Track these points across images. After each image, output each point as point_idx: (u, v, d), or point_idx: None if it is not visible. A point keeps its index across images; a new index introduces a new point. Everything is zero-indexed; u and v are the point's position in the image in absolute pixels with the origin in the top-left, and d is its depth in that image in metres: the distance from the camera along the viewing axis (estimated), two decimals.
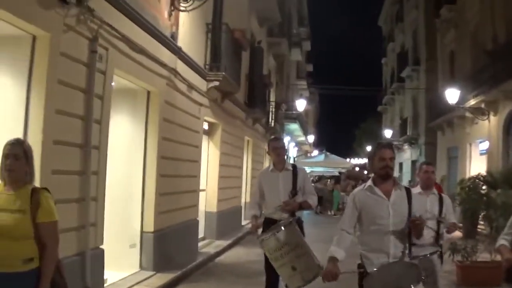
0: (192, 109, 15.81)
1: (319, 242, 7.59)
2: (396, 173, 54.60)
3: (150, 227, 12.82)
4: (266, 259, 8.45)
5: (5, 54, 8.22)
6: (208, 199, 19.47)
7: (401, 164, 56.24)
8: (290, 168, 9.43)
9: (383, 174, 6.56)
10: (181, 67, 14.42)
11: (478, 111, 27.53)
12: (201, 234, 18.02)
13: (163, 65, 13.03)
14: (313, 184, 9.70)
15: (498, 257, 13.81)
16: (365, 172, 71.02)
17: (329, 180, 46.13)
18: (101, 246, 10.10)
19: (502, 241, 6.78)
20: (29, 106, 8.16)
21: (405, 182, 38.28)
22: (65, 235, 8.58)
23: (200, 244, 17.25)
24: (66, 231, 8.71)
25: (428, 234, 8.23)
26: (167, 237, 13.49)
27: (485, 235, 15.19)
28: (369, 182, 6.72)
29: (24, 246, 5.47)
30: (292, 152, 53.04)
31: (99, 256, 9.98)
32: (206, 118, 17.97)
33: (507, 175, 16.18)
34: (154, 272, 12.52)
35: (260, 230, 9.00)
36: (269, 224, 8.80)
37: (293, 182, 9.22)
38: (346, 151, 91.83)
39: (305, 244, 7.71)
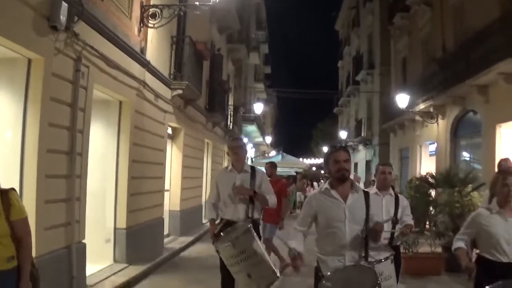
0: (158, 116, 16.94)
1: (276, 239, 8.12)
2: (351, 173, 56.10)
3: (122, 224, 13.97)
4: (221, 259, 8.36)
5: (4, 74, 9.35)
6: (171, 198, 20.52)
7: (356, 164, 56.64)
8: (249, 170, 9.32)
9: (339, 177, 6.55)
10: (149, 78, 15.59)
11: (427, 115, 28.66)
12: (166, 231, 19.09)
13: (133, 77, 14.23)
14: None
15: (438, 250, 15.28)
16: (322, 171, 71.72)
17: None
18: (83, 241, 11.27)
19: (459, 243, 7.26)
20: (26, 120, 9.30)
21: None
22: (55, 230, 9.96)
23: (165, 240, 18.41)
24: (56, 227, 10.03)
25: (382, 236, 8.10)
26: (137, 233, 14.57)
27: (428, 230, 16.25)
28: (326, 185, 6.71)
29: (6, 246, 5.75)
30: (250, 153, 54.00)
31: (82, 249, 11.15)
32: (170, 123, 19.06)
33: (447, 176, 17.36)
34: (127, 265, 13.68)
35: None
36: (226, 225, 8.79)
37: (251, 184, 9.14)
38: (303, 151, 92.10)
39: (261, 251, 7.68)
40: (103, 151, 13.69)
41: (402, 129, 35.23)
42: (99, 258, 13.06)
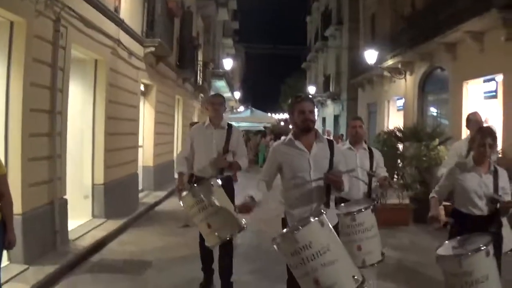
0: (131, 74, 17.20)
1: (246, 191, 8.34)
2: (319, 128, 56.13)
3: (100, 180, 14.33)
4: None
5: None
6: (145, 154, 20.82)
7: (324, 119, 57.58)
8: (226, 126, 9.20)
9: (304, 127, 6.44)
10: (123, 36, 15.80)
11: (395, 71, 29.25)
12: (140, 187, 19.47)
13: (108, 36, 14.45)
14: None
15: (406, 201, 15.82)
16: (290, 126, 72.10)
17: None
18: (64, 197, 11.63)
19: (433, 194, 7.66)
20: (10, 81, 9.58)
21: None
22: (39, 187, 10.31)
23: (140, 195, 18.83)
24: (40, 184, 10.38)
25: (360, 189, 8.72)
26: (114, 188, 14.94)
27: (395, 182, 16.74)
28: (290, 136, 6.62)
29: None
30: None
31: (64, 205, 11.53)
32: (143, 80, 19.34)
33: (414, 130, 17.86)
34: (106, 219, 14.09)
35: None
36: (197, 181, 8.68)
37: (226, 140, 9.08)
38: (271, 106, 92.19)
39: (221, 203, 7.56)
40: (80, 109, 13.93)
41: (371, 85, 35.76)
42: (79, 213, 13.39)
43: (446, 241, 6.69)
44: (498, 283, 6.12)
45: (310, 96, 33.18)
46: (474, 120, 10.15)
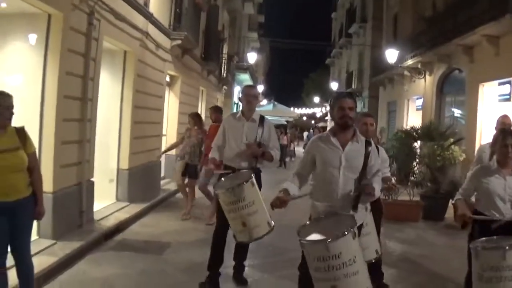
0: (158, 65, 17.84)
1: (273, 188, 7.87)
2: None
3: (125, 165, 15.08)
4: (220, 206, 8.35)
5: (27, 28, 10.37)
6: (168, 143, 21.15)
7: None
8: (257, 120, 9.17)
9: (342, 124, 6.46)
10: (151, 29, 16.45)
11: (415, 71, 29.61)
12: (162, 174, 20.01)
13: (137, 29, 15.12)
14: None
15: (417, 198, 16.35)
16: (312, 122, 72.04)
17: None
18: (91, 179, 12.35)
19: (458, 196, 7.38)
20: (46, 70, 10.29)
21: None
22: (69, 168, 11.03)
23: (162, 182, 19.39)
24: (70, 166, 11.11)
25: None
26: (138, 174, 15.63)
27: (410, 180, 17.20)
28: (327, 132, 6.69)
29: (26, 174, 6.76)
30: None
31: (91, 186, 12.25)
32: (169, 71, 19.98)
33: (427, 130, 18.37)
34: (128, 203, 14.79)
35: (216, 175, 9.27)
36: (229, 172, 8.74)
37: (258, 134, 9.05)
38: (294, 101, 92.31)
39: (260, 201, 7.60)
40: (109, 97, 14.52)
41: (391, 83, 36.07)
42: (104, 196, 14.05)
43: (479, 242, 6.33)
44: None
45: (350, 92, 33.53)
46: (500, 122, 10.27)
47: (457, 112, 26.09)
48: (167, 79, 20.55)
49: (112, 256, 10.51)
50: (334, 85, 60.58)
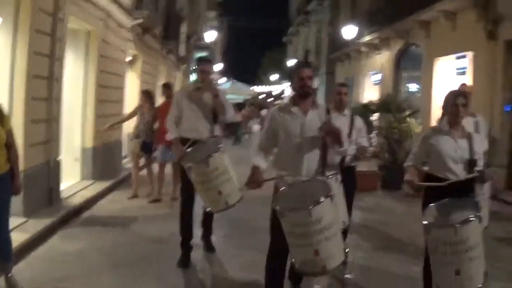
0: (120, 44, 18.00)
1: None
2: None
3: (89, 144, 15.30)
4: (184, 182, 8.73)
5: None
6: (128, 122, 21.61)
7: None
8: (213, 89, 9.16)
9: (301, 93, 6.55)
10: (114, 9, 16.57)
11: (373, 46, 30.38)
12: (124, 153, 20.07)
13: (101, 8, 15.29)
14: None
15: (375, 168, 16.86)
16: (270, 99, 72.17)
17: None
18: (58, 158, 12.56)
19: (409, 161, 7.40)
20: (16, 50, 10.49)
21: None
22: (37, 147, 11.27)
23: (124, 161, 19.52)
24: (38, 144, 11.32)
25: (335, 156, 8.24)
26: (102, 152, 15.84)
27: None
28: (287, 101, 6.81)
29: (4, 151, 6.93)
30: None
31: (58, 165, 12.48)
32: (130, 51, 20.17)
33: (384, 103, 18.97)
34: (93, 181, 15.02)
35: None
36: (192, 144, 8.52)
37: (213, 102, 9.07)
38: (252, 79, 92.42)
39: (231, 169, 7.68)
40: (73, 77, 14.69)
41: (349, 59, 36.58)
42: (69, 175, 14.21)
43: (430, 207, 6.47)
44: (482, 248, 6.05)
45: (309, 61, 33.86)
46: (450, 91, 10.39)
47: (414, 87, 26.66)
48: (128, 58, 20.66)
49: (83, 231, 10.79)
50: (291, 63, 60.30)
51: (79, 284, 7.77)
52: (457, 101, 6.88)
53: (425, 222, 6.14)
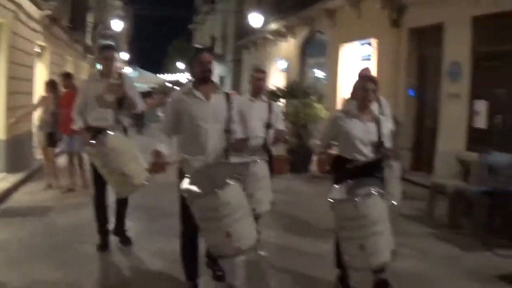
0: (29, 36, 17.97)
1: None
2: None
3: (2, 135, 15.28)
4: (94, 172, 8.61)
5: None
6: (38, 112, 21.55)
7: None
8: (117, 76, 9.09)
9: (202, 78, 6.68)
10: (24, 1, 16.61)
11: (279, 34, 30.99)
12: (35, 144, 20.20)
13: (12, 1, 15.32)
14: None
15: (283, 152, 17.38)
16: (176, 87, 71.80)
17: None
18: None
19: (318, 142, 7.80)
20: None
21: None
22: None
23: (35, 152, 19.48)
24: None
25: (257, 140, 8.72)
26: (13, 145, 15.75)
27: None
28: (189, 85, 6.83)
29: None
30: None
31: None
32: (39, 42, 20.11)
33: (291, 89, 19.58)
34: (6, 173, 14.94)
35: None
36: (97, 132, 8.51)
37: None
38: (159, 67, 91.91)
39: (133, 149, 7.92)
40: None
41: (255, 47, 37.01)
42: None
43: (336, 186, 6.77)
44: (388, 224, 6.36)
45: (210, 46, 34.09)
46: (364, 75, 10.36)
47: (319, 73, 27.32)
48: (37, 49, 20.63)
49: (1, 222, 10.86)
50: None
51: (2, 273, 7.85)
52: (366, 86, 7.15)
53: (329, 199, 6.38)
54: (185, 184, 6.12)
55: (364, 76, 7.79)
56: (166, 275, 7.92)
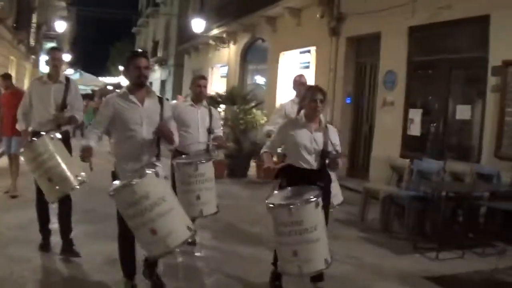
0: None
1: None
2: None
3: None
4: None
5: None
6: None
7: (151, 83, 58.04)
8: (64, 81, 8.97)
9: (138, 83, 6.72)
10: None
11: (220, 40, 31.23)
12: None
13: None
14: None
15: (221, 157, 17.59)
16: (117, 90, 71.60)
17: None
18: None
19: (265, 148, 7.65)
20: None
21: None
22: None
23: None
24: None
25: (199, 145, 9.11)
26: None
27: None
28: (124, 89, 6.87)
29: None
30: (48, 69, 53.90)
31: None
32: None
33: (230, 94, 19.92)
34: None
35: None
36: (35, 135, 8.36)
37: (64, 95, 8.86)
38: (101, 70, 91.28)
39: (65, 155, 7.81)
40: None
41: (197, 52, 37.15)
42: None
43: (276, 191, 6.97)
44: (324, 233, 6.45)
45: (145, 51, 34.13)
46: (299, 82, 10.47)
47: (259, 80, 27.71)
48: None
49: None
50: None
51: None
52: (315, 97, 7.12)
53: (267, 202, 6.45)
54: (114, 185, 6.16)
55: (314, 86, 7.79)
56: (104, 273, 7.99)
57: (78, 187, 7.74)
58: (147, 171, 5.91)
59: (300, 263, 6.26)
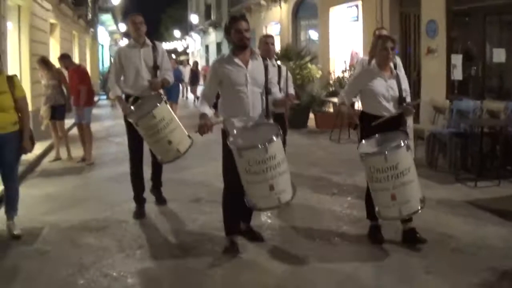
0: (43, 15, 19.57)
1: None
2: (203, 55, 57.82)
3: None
4: (131, 137, 8.98)
5: None
6: None
7: (207, 47, 59.11)
8: (150, 44, 9.16)
9: (241, 45, 6.84)
10: None
11: None
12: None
13: None
14: None
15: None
16: (173, 56, 72.28)
17: None
18: None
19: (341, 99, 7.93)
20: None
21: None
22: None
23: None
24: None
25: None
26: (36, 116, 16.14)
27: None
28: (228, 53, 6.98)
29: (12, 114, 7.77)
30: (106, 41, 55.44)
31: None
32: (51, 20, 21.71)
33: (285, 51, 21.22)
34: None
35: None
36: (135, 100, 8.79)
37: (154, 58, 9.07)
38: (154, 37, 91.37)
39: (175, 118, 8.05)
40: (10, 48, 15.99)
41: (249, 12, 37.41)
42: None
43: (363, 141, 7.16)
44: (415, 174, 6.74)
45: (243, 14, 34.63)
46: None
47: (312, 35, 28.65)
48: (49, 27, 21.97)
49: (43, 180, 12.38)
50: (193, 18, 61.92)
51: (61, 215, 9.27)
52: (386, 45, 7.28)
53: (360, 152, 6.80)
54: (231, 139, 6.61)
55: (384, 35, 8.06)
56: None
57: (191, 145, 8.14)
58: (274, 138, 6.33)
59: (399, 206, 6.59)
